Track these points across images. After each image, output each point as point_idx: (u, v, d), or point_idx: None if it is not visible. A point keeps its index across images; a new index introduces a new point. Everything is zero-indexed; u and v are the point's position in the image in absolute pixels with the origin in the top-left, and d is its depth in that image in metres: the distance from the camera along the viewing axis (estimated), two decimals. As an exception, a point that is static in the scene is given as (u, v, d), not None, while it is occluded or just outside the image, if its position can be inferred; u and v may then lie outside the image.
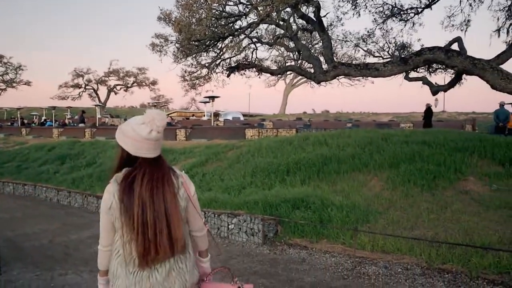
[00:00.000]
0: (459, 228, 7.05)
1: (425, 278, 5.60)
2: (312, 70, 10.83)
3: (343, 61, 10.77)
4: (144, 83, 60.98)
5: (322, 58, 11.25)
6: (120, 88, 61.20)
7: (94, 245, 8.89)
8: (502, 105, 17.73)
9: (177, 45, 9.75)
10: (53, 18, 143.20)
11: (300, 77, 61.86)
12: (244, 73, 11.01)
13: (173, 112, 59.78)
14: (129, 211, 2.01)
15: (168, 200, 2.09)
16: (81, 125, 30.32)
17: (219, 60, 11.56)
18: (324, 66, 10.58)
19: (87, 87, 58.89)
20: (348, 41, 12.62)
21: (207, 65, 11.43)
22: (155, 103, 34.14)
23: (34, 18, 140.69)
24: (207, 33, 8.25)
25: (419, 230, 7.15)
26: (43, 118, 41.33)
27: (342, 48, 13.70)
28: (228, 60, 11.68)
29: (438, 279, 5.54)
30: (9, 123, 40.60)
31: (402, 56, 9.51)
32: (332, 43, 11.32)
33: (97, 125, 30.42)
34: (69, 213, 13.59)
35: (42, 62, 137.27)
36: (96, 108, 34.94)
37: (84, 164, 18.68)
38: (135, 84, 60.95)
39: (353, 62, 11.21)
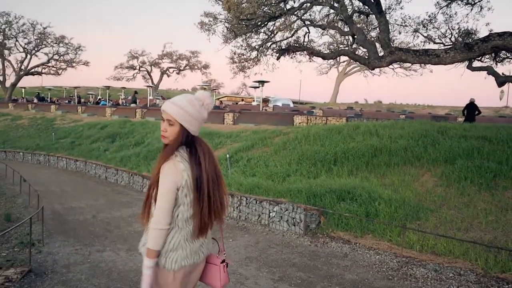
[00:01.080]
0: (522, 233, 6.41)
1: (480, 286, 5.08)
2: (367, 56, 10.27)
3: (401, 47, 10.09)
4: (196, 67, 61.53)
5: (377, 45, 10.65)
6: (173, 71, 62.10)
7: (134, 223, 8.96)
8: None
9: (226, 24, 9.49)
10: (112, 1, 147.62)
11: (353, 65, 60.23)
12: (294, 56, 10.60)
13: (224, 97, 60.07)
14: (200, 186, 2.17)
15: (219, 172, 2.31)
16: (133, 105, 31.01)
17: (270, 43, 11.22)
18: (380, 52, 10.00)
19: (141, 68, 60.14)
20: (407, 26, 11.86)
21: (257, 47, 11.12)
22: (205, 86, 34.13)
23: (95, 1, 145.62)
24: (257, 11, 7.90)
25: (475, 232, 6.56)
26: (98, 97, 42.74)
27: (400, 33, 12.98)
28: (279, 43, 11.32)
29: (496, 288, 5.01)
30: (67, 101, 42.31)
31: (467, 42, 8.76)
32: (390, 27, 10.67)
33: (148, 106, 30.99)
34: (115, 190, 13.86)
35: (101, 44, 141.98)
36: (148, 89, 35.53)
37: (133, 143, 19.04)
38: (187, 67, 61.63)
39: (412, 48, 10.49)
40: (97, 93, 46.86)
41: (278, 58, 10.40)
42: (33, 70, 50.12)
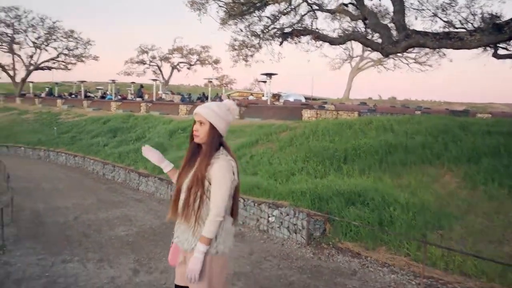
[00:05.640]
0: None
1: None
2: (380, 41, 9.19)
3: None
4: (207, 62, 60.63)
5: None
6: (183, 66, 61.33)
7: (118, 227, 8.03)
8: None
9: (220, 3, 8.48)
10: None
11: (367, 60, 58.75)
12: (299, 41, 9.54)
13: (235, 92, 59.13)
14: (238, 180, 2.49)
15: None
16: (139, 99, 30.18)
17: (274, 29, 10.20)
18: (395, 35, 8.92)
19: (151, 63, 59.45)
20: (424, 9, 10.72)
21: (259, 33, 10.12)
22: (210, 79, 33.07)
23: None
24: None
25: (511, 246, 5.48)
26: (105, 91, 42.06)
27: (416, 19, 11.80)
28: (283, 29, 10.31)
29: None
30: (74, 95, 41.65)
31: (496, 22, 7.64)
32: (405, 12, 9.56)
33: (154, 100, 30.11)
34: (110, 188, 12.99)
35: (110, 39, 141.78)
36: (154, 83, 34.65)
37: (134, 138, 18.19)
38: (198, 62, 60.79)
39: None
40: (106, 88, 46.11)
41: (281, 43, 9.38)
42: (43, 64, 49.78)
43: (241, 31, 9.91)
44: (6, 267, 5.45)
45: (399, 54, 21.55)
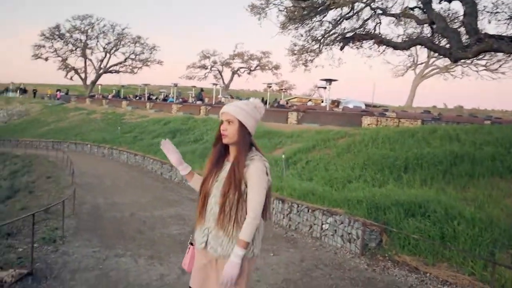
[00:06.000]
0: None
1: None
2: (448, 46, 8.69)
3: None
4: (267, 67, 61.00)
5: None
6: (244, 71, 62.07)
7: (171, 226, 8.13)
8: None
9: (279, 7, 8.39)
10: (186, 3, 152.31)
11: (432, 67, 56.37)
12: (361, 46, 9.23)
13: (293, 98, 58.91)
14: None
15: None
16: (199, 102, 30.85)
17: (334, 35, 9.97)
18: (465, 40, 8.40)
19: (212, 68, 60.70)
20: (499, 12, 10.03)
21: (319, 37, 9.93)
22: (269, 85, 33.43)
23: (170, 4, 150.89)
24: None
25: None
26: (166, 94, 43.45)
27: (489, 23, 11.09)
28: (344, 34, 10.04)
29: None
30: (138, 97, 43.34)
31: None
32: (478, 15, 8.98)
33: (213, 103, 30.69)
34: (166, 188, 13.28)
35: (174, 44, 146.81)
36: (214, 87, 35.49)
37: (192, 139, 18.55)
38: (258, 67, 61.29)
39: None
40: (168, 91, 47.65)
41: (342, 48, 9.12)
42: (111, 68, 52.55)
43: (301, 36, 9.78)
44: (64, 257, 5.65)
45: (468, 61, 20.43)
